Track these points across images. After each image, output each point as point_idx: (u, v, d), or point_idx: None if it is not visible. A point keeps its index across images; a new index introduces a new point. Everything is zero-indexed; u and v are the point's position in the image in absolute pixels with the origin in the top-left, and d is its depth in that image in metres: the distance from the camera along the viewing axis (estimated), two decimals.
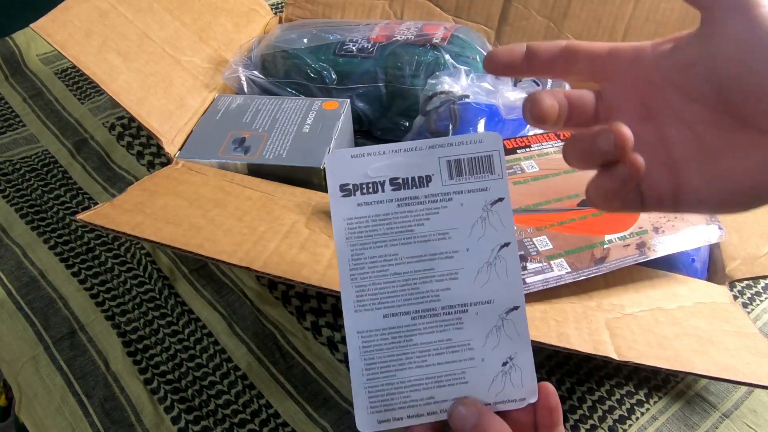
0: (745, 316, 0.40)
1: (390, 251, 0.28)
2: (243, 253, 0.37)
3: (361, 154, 0.28)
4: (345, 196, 0.28)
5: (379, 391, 0.28)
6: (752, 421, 0.43)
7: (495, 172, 0.28)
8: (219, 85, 0.57)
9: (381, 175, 0.28)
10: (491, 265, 0.28)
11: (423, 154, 0.28)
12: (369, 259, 0.28)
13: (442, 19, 0.65)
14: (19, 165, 0.62)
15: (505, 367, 0.29)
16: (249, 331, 0.49)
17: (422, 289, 0.28)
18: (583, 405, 0.44)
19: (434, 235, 0.28)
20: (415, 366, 0.28)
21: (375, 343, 0.28)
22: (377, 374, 0.28)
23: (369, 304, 0.28)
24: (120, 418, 0.44)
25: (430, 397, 0.28)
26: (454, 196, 0.28)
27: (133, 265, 0.54)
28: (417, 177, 0.28)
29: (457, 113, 0.51)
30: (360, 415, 0.28)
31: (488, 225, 0.28)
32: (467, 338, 0.28)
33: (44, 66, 0.74)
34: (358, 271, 0.28)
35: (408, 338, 0.28)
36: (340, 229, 0.28)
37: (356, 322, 0.28)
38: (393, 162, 0.28)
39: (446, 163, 0.28)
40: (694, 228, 0.42)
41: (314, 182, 0.47)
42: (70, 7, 0.48)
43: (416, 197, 0.28)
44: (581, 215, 0.42)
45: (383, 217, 0.28)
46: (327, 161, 0.28)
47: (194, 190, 0.44)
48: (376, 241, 0.28)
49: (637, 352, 0.35)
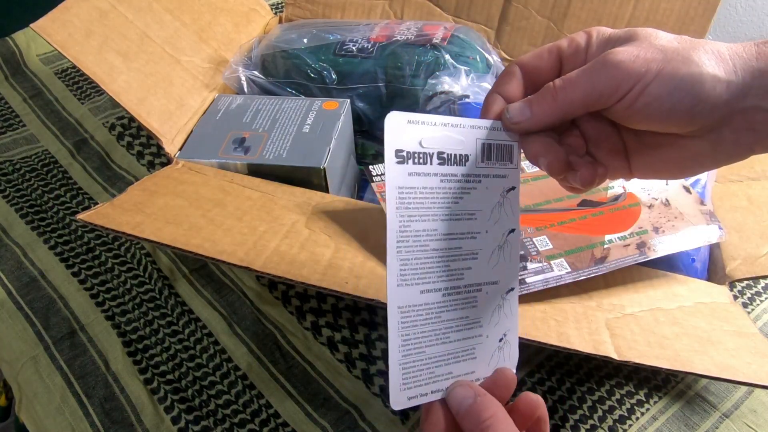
0: (745, 316, 0.40)
1: (432, 226, 0.28)
2: (243, 253, 0.37)
3: (417, 120, 0.27)
4: (399, 162, 0.27)
5: (411, 367, 0.28)
6: (752, 421, 0.43)
7: (513, 162, 0.29)
8: (219, 85, 0.57)
9: (432, 147, 0.27)
10: (501, 249, 0.29)
11: (465, 133, 0.28)
12: (414, 233, 0.27)
13: (442, 19, 0.65)
14: (19, 165, 0.62)
15: (500, 342, 0.30)
16: (249, 331, 0.49)
17: (452, 267, 0.28)
18: (583, 405, 0.44)
19: (464, 215, 0.28)
20: (440, 342, 0.28)
21: (411, 319, 0.28)
22: (411, 351, 0.28)
23: (410, 278, 0.28)
24: (120, 418, 0.44)
25: (449, 372, 0.29)
26: (483, 179, 0.29)
27: (133, 265, 0.54)
28: (459, 155, 0.28)
29: (457, 113, 0.51)
30: (394, 392, 0.28)
31: (503, 210, 0.29)
32: (479, 316, 0.29)
33: (44, 66, 0.74)
34: (404, 244, 0.27)
35: (438, 315, 0.28)
36: (392, 198, 0.27)
37: (398, 296, 0.27)
38: (442, 135, 0.28)
39: (481, 146, 0.28)
40: (694, 228, 0.42)
41: (314, 182, 0.47)
42: (70, 7, 0.48)
43: (455, 175, 0.28)
44: (581, 215, 0.42)
45: (429, 191, 0.28)
46: (387, 121, 0.27)
47: (194, 190, 0.44)
48: (422, 214, 0.27)
49: (637, 352, 0.35)
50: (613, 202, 0.44)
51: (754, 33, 1.24)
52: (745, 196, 0.49)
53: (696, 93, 0.25)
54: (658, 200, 0.44)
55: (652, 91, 0.26)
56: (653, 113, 0.26)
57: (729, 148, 0.27)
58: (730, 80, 0.25)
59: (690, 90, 0.25)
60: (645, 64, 0.26)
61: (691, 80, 0.25)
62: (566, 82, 0.27)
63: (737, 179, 0.50)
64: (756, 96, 0.25)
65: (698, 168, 0.29)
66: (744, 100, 0.25)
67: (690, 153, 0.28)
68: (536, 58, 0.29)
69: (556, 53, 0.29)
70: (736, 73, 0.25)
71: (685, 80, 0.25)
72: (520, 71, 0.29)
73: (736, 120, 0.26)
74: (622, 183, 0.45)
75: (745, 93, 0.25)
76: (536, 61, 0.29)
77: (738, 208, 0.48)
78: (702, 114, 0.26)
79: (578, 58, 0.29)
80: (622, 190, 0.44)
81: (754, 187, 0.49)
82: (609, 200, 0.44)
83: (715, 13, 0.55)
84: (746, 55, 0.26)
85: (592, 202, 0.44)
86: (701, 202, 0.44)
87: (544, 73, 0.29)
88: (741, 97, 0.25)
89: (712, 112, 0.26)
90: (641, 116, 0.27)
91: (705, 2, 0.55)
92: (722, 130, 0.26)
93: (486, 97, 0.30)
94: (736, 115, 0.26)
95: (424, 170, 0.27)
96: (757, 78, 0.25)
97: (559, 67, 0.29)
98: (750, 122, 0.26)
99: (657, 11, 0.57)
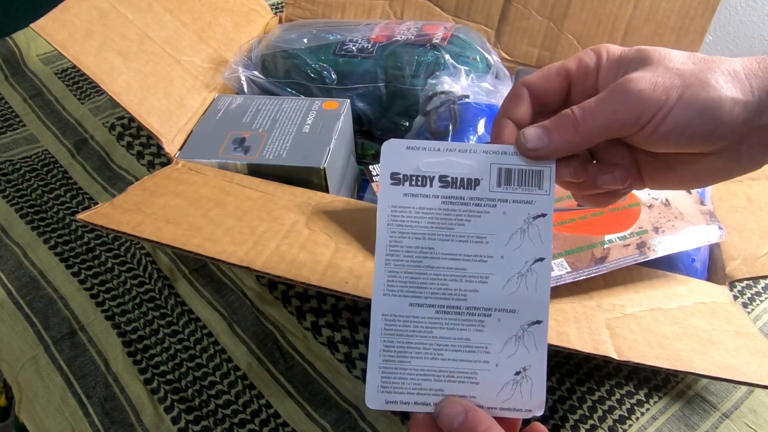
0: (745, 316, 0.40)
1: (427, 244, 0.29)
2: (243, 253, 0.37)
3: (417, 147, 0.28)
4: (394, 184, 0.28)
5: (392, 373, 0.29)
6: (752, 421, 0.43)
7: (543, 188, 0.29)
8: (219, 85, 0.57)
9: (432, 171, 0.28)
10: (522, 276, 0.29)
11: (476, 158, 0.29)
12: (405, 248, 0.29)
13: (442, 19, 0.65)
14: (19, 165, 0.62)
15: (517, 376, 0.29)
16: (249, 331, 0.49)
17: (451, 287, 0.29)
18: (583, 405, 0.44)
19: (472, 237, 0.29)
20: (430, 357, 0.29)
21: (396, 327, 0.29)
22: (393, 357, 0.29)
23: (398, 290, 0.29)
24: (120, 418, 0.44)
25: (440, 389, 0.29)
26: (498, 204, 0.29)
27: (133, 265, 0.54)
28: (466, 179, 0.28)
29: (457, 113, 0.51)
30: (370, 391, 0.29)
31: (527, 237, 0.29)
32: (486, 341, 0.29)
33: (44, 66, 0.74)
34: (393, 258, 0.29)
35: (429, 330, 0.29)
36: (383, 215, 0.28)
37: (382, 304, 0.29)
38: (446, 160, 0.28)
39: (497, 170, 0.29)
40: (694, 228, 0.42)
41: (314, 182, 0.47)
42: (70, 7, 0.48)
43: (462, 198, 0.29)
44: (581, 215, 0.42)
45: (426, 211, 0.28)
46: (383, 148, 0.28)
47: (194, 190, 0.44)
48: (416, 232, 0.29)
49: (637, 351, 0.35)
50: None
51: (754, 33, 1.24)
52: (745, 196, 0.49)
53: (716, 117, 0.25)
54: (658, 200, 0.44)
55: (673, 118, 0.26)
56: (674, 139, 0.26)
57: (744, 163, 0.27)
58: (747, 101, 0.25)
59: (711, 116, 0.25)
60: (665, 92, 0.26)
61: (711, 106, 0.25)
62: (587, 112, 0.27)
63: (737, 179, 0.50)
64: None
65: (713, 180, 0.29)
66: (760, 119, 0.25)
67: (706, 169, 0.28)
68: (544, 79, 0.29)
69: (564, 75, 0.29)
70: (753, 93, 0.25)
71: (706, 106, 0.25)
72: (528, 93, 0.29)
73: (752, 137, 0.26)
74: None
75: (761, 111, 0.25)
76: (544, 83, 0.29)
77: (738, 208, 0.48)
78: (721, 136, 0.26)
79: (588, 80, 0.29)
80: None
81: (754, 187, 0.49)
82: None
83: (715, 13, 0.55)
84: (762, 73, 0.26)
85: None
86: (701, 202, 0.44)
87: (552, 96, 0.29)
88: (757, 116, 0.25)
89: (731, 134, 0.26)
90: (662, 142, 0.27)
91: (705, 2, 0.55)
92: (739, 147, 0.27)
93: (495, 120, 0.30)
94: (753, 132, 0.26)
95: (422, 192, 0.28)
96: None
97: (568, 88, 0.29)
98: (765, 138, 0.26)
99: (657, 11, 0.57)
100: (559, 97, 0.30)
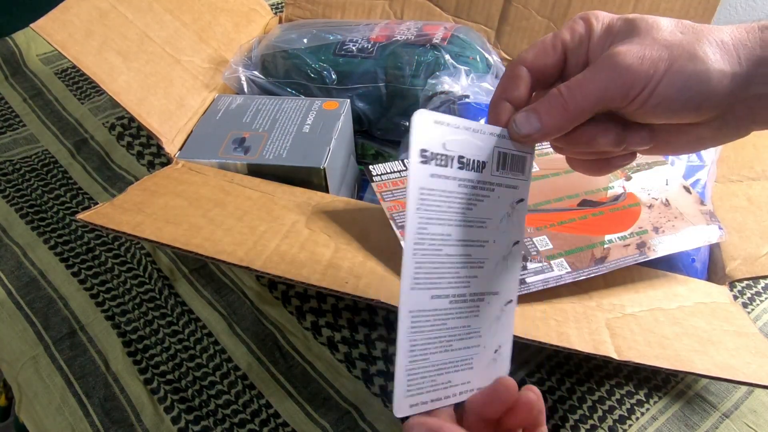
0: (745, 316, 0.40)
1: (447, 230, 0.27)
2: (243, 252, 0.37)
3: (442, 122, 0.26)
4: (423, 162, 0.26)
5: (416, 374, 0.27)
6: (752, 421, 0.43)
7: (524, 174, 0.29)
8: (219, 85, 0.57)
9: (453, 151, 0.27)
10: (505, 259, 0.29)
11: (485, 139, 0.28)
12: (429, 236, 0.26)
13: (442, 19, 0.65)
14: (19, 165, 0.62)
15: (495, 354, 0.29)
16: (249, 331, 0.49)
17: (461, 274, 0.27)
18: (583, 405, 0.44)
19: (476, 222, 0.28)
20: (443, 350, 0.27)
21: (419, 324, 0.27)
22: (417, 357, 0.27)
23: (423, 282, 0.26)
24: (120, 418, 0.44)
25: (448, 381, 0.28)
26: (496, 188, 0.28)
27: (133, 265, 0.54)
28: (476, 161, 0.27)
29: (457, 113, 0.51)
30: (398, 399, 0.26)
31: (510, 221, 0.29)
32: (479, 326, 0.29)
33: (44, 66, 0.74)
34: (419, 247, 0.26)
35: (444, 322, 0.27)
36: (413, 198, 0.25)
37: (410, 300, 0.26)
38: (464, 139, 0.27)
39: (498, 154, 0.28)
40: (694, 228, 0.42)
41: (314, 182, 0.47)
42: (70, 7, 0.48)
43: (471, 181, 0.27)
44: (581, 215, 0.42)
45: (448, 194, 0.27)
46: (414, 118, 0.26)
47: (194, 190, 0.44)
48: (440, 217, 0.26)
49: (637, 351, 0.35)
50: (613, 202, 0.44)
51: None
52: (745, 196, 0.49)
53: (703, 90, 0.25)
54: (658, 200, 0.43)
55: (661, 92, 0.26)
56: (662, 112, 0.26)
57: (731, 131, 0.28)
58: (734, 72, 0.25)
59: (698, 88, 0.25)
60: (653, 65, 0.25)
61: (698, 79, 0.25)
62: (575, 90, 0.27)
63: (737, 179, 0.50)
64: (759, 84, 0.25)
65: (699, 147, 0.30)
66: (747, 90, 0.26)
67: (693, 137, 0.29)
68: (542, 55, 0.29)
69: (560, 47, 0.29)
70: (740, 64, 0.25)
71: (693, 79, 0.25)
72: (527, 72, 0.29)
73: (738, 108, 0.26)
74: (622, 183, 0.45)
75: (749, 82, 0.25)
76: (543, 59, 0.29)
77: (738, 208, 0.48)
78: (708, 108, 0.26)
79: (582, 49, 0.28)
80: (622, 190, 0.44)
81: (754, 187, 0.49)
82: (609, 200, 0.44)
83: (715, 13, 0.55)
84: (750, 43, 0.25)
85: (592, 202, 0.44)
86: (701, 202, 0.44)
87: (551, 69, 0.29)
88: (744, 86, 0.25)
89: (718, 105, 0.26)
90: (650, 114, 0.27)
91: (705, 2, 0.55)
92: (726, 117, 0.27)
93: (493, 102, 0.29)
94: (739, 102, 0.26)
95: (444, 173, 0.26)
96: (760, 67, 0.25)
97: (564, 60, 0.29)
98: (751, 108, 0.26)
99: (657, 11, 0.57)
100: (556, 69, 0.29)
